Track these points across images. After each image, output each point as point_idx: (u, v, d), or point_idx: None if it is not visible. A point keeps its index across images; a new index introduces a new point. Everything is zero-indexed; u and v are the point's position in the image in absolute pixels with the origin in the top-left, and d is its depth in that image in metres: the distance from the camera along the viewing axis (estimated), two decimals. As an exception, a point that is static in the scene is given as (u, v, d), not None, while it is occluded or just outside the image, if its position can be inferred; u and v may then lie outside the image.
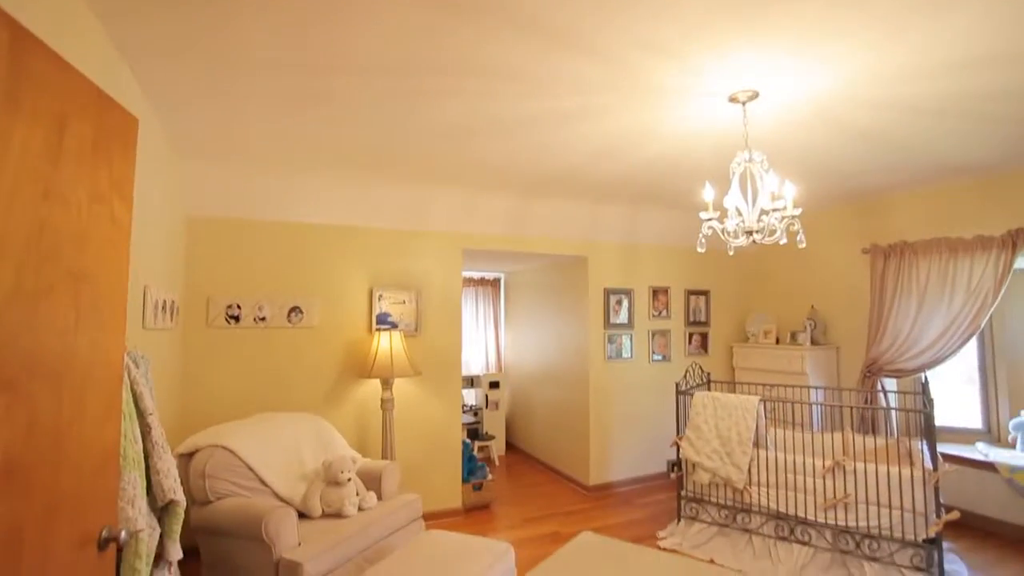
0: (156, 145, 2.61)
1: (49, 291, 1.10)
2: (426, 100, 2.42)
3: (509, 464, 5.67)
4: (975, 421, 4.18)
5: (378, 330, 3.74)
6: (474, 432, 5.83)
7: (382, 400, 3.68)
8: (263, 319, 3.61)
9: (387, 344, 3.62)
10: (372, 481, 3.05)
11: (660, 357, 5.04)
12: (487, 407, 5.94)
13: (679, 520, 3.69)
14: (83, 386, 1.21)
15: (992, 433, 4.10)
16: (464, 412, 5.96)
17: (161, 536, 1.82)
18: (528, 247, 4.52)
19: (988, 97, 2.41)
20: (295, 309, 3.70)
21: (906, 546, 2.89)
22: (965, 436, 4.13)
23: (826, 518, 3.11)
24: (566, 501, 4.45)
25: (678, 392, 3.84)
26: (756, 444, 3.47)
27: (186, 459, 2.66)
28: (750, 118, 2.56)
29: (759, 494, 3.35)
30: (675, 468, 3.76)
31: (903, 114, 2.60)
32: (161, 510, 1.86)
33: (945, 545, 3.03)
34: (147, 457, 1.81)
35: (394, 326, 3.91)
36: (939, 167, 3.52)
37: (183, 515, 1.90)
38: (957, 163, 3.43)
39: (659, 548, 3.47)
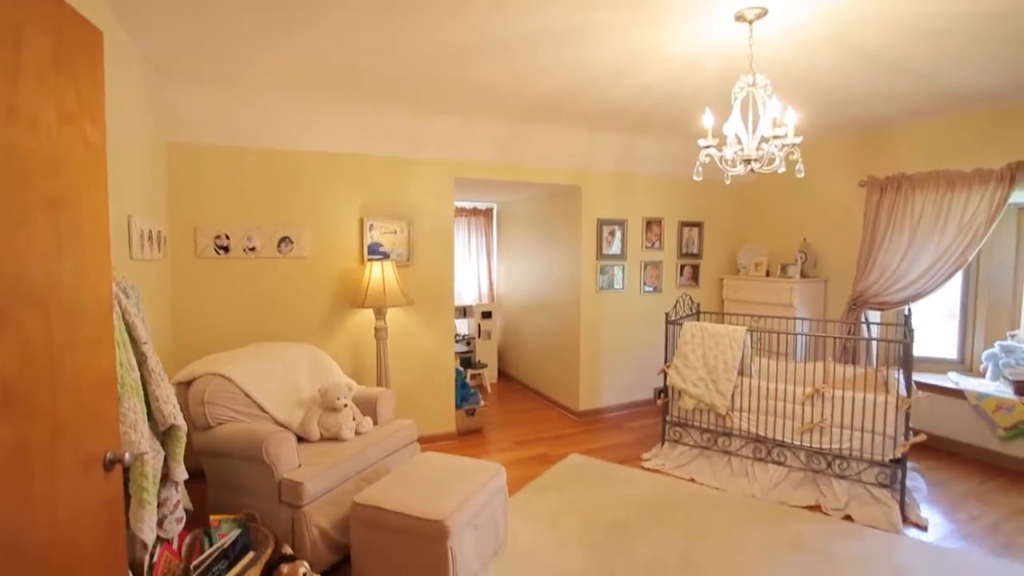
0: (128, 63, 2.45)
1: (26, 218, 1.07)
2: (420, 17, 2.26)
3: (501, 391, 5.86)
4: (951, 352, 4.33)
5: (370, 260, 3.72)
6: (467, 361, 5.97)
7: (376, 329, 3.72)
8: (253, 249, 3.57)
9: (379, 274, 3.61)
10: (368, 407, 3.14)
11: (651, 288, 5.09)
12: (479, 336, 6.05)
13: (663, 443, 3.88)
14: (72, 313, 1.21)
15: (965, 363, 4.26)
16: (457, 341, 6.07)
17: (165, 458, 1.89)
18: (522, 176, 4.42)
19: (996, 17, 2.29)
20: (285, 239, 3.65)
21: (873, 465, 3.07)
22: (939, 366, 4.29)
23: (802, 441, 3.28)
24: (556, 426, 4.65)
25: (667, 322, 3.91)
26: (741, 372, 3.59)
27: (184, 387, 2.71)
28: (756, 39, 2.43)
29: (741, 419, 3.51)
30: (661, 395, 3.91)
31: (912, 34, 2.47)
32: (163, 434, 1.91)
33: (909, 464, 3.22)
34: (145, 385, 1.84)
35: (386, 256, 3.88)
36: (944, 95, 3.41)
37: (185, 439, 1.96)
38: (963, 90, 3.32)
39: (643, 469, 3.67)
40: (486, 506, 2.46)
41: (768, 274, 5.01)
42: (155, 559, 1.87)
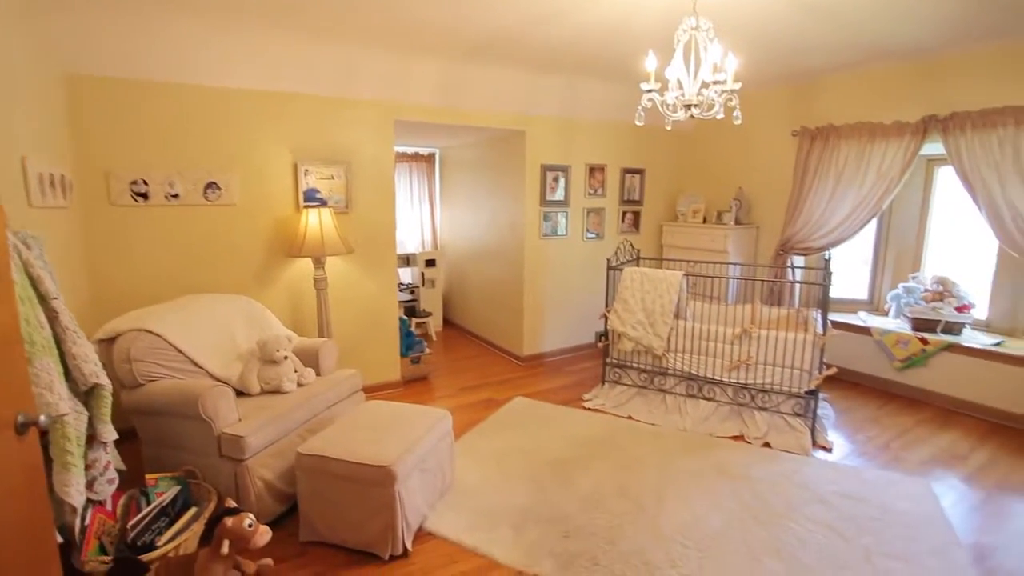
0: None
1: None
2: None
3: (446, 339, 5.90)
4: (862, 294, 4.72)
5: (306, 207, 3.55)
6: (411, 309, 5.93)
7: (315, 279, 3.61)
8: (176, 196, 3.31)
9: (316, 221, 3.46)
10: (310, 359, 3.09)
11: (594, 235, 5.17)
12: (424, 285, 6.00)
13: (603, 384, 4.06)
14: (-39, 270, 1.09)
15: (874, 304, 4.67)
16: (401, 290, 6.00)
17: (91, 419, 1.80)
18: (464, 120, 4.27)
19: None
20: (212, 185, 3.40)
21: (791, 398, 3.37)
22: (852, 306, 4.68)
23: (730, 377, 3.53)
24: (500, 371, 4.76)
25: (609, 268, 4.01)
26: (677, 315, 3.77)
27: (107, 344, 2.54)
28: (700, -19, 2.40)
29: (676, 359, 3.71)
30: (602, 338, 4.06)
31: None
32: (86, 394, 1.81)
33: (820, 395, 3.55)
34: (59, 343, 1.72)
35: (323, 203, 3.71)
36: (874, 48, 3.53)
37: (110, 398, 1.86)
38: (891, 44, 3.45)
39: (584, 409, 3.85)
40: (432, 450, 2.52)
41: (705, 221, 5.20)
42: (87, 522, 1.81)
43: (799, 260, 4.63)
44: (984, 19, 3.00)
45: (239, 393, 2.75)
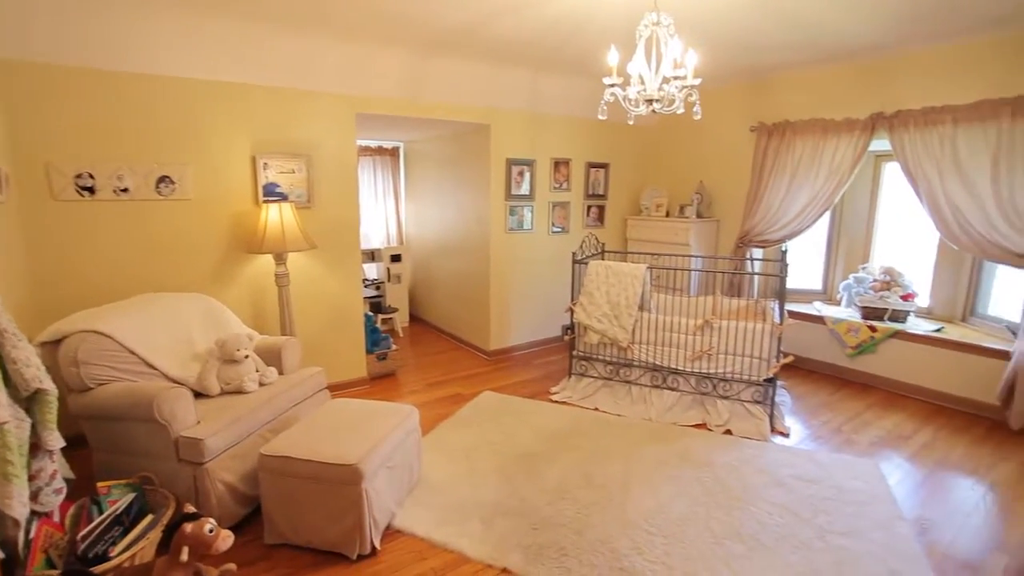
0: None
1: None
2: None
3: (413, 335, 5.85)
4: (817, 284, 4.91)
5: (266, 202, 3.44)
6: (377, 305, 5.85)
7: (276, 276, 3.51)
8: (125, 190, 3.15)
9: (277, 216, 3.36)
10: (272, 358, 3.01)
11: (559, 229, 5.20)
12: (389, 280, 5.92)
13: (570, 377, 4.11)
14: None
15: (828, 294, 4.86)
16: (366, 286, 5.91)
17: (34, 426, 1.71)
18: (428, 113, 4.22)
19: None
20: (164, 179, 3.26)
21: (750, 385, 3.48)
22: (808, 296, 4.86)
23: (692, 367, 3.62)
24: (468, 366, 4.75)
25: (574, 261, 4.05)
26: (641, 307, 3.83)
27: (52, 347, 2.42)
28: (661, -22, 2.43)
29: (640, 351, 3.79)
30: (568, 331, 4.10)
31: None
32: (28, 400, 1.72)
33: (778, 383, 3.68)
34: (-3, 347, 1.62)
35: (284, 197, 3.61)
36: (826, 48, 3.66)
37: (56, 404, 1.77)
38: (842, 44, 3.58)
39: (552, 402, 3.89)
40: (399, 447, 2.50)
41: (668, 215, 5.30)
42: (32, 535, 1.72)
43: (758, 252, 4.78)
44: (923, 24, 3.15)
45: (198, 395, 2.66)
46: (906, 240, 4.46)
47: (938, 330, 3.91)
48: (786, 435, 3.36)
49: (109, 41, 2.94)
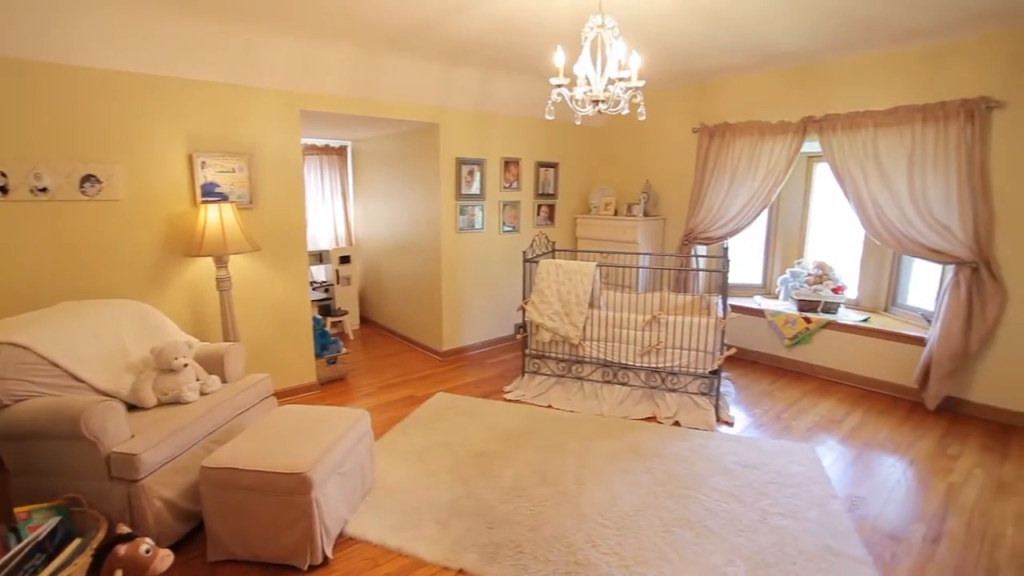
0: None
1: None
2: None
3: (364, 337, 5.73)
4: (757, 279, 5.15)
5: (204, 203, 3.28)
6: (326, 308, 5.70)
7: (217, 279, 3.36)
8: (44, 190, 2.93)
9: (216, 217, 3.21)
10: (214, 365, 2.87)
11: (510, 228, 5.23)
12: (338, 283, 5.78)
13: (523, 375, 4.14)
14: None
15: (767, 288, 5.11)
16: (314, 288, 5.75)
17: (-59, 448, 1.56)
18: (376, 111, 4.14)
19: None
20: (89, 178, 3.05)
21: (697, 378, 3.61)
22: (748, 291, 5.09)
23: (642, 362, 3.72)
24: (421, 367, 4.70)
25: (525, 260, 4.08)
26: (591, 304, 3.91)
27: (-39, 360, 2.22)
28: (604, -19, 2.48)
29: (591, 347, 3.86)
30: (521, 330, 4.13)
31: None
32: (-66, 420, 1.57)
33: (723, 374, 3.84)
34: None
35: (224, 198, 3.46)
36: (763, 54, 3.85)
37: (-32, 422, 1.63)
38: (775, 50, 3.77)
39: (506, 400, 3.90)
40: (351, 452, 2.45)
41: (616, 213, 5.42)
42: (-58, 565, 1.58)
43: (702, 249, 4.97)
44: (846, 33, 3.36)
45: (133, 407, 2.51)
46: (836, 236, 4.75)
47: (864, 320, 4.19)
48: (731, 424, 3.51)
49: (23, 26, 2.71)
